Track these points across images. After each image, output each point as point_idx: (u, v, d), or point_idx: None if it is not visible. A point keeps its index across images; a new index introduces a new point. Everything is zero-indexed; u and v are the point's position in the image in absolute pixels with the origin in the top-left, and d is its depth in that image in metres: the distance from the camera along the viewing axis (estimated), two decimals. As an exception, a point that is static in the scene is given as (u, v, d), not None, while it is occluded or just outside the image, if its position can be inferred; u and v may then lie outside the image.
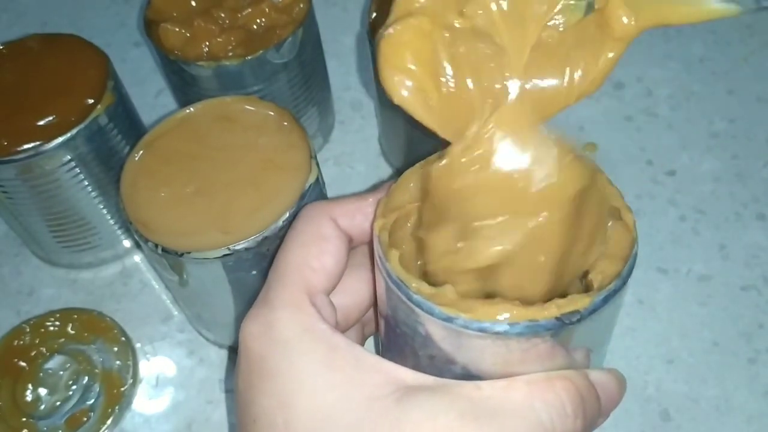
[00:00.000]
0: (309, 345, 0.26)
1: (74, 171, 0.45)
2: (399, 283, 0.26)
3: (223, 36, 0.47)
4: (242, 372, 0.28)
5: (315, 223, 0.30)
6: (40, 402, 0.45)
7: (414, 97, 0.26)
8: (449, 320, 0.25)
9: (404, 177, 0.30)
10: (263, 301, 0.28)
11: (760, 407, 0.44)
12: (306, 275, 0.28)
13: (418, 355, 0.27)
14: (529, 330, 0.24)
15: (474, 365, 0.26)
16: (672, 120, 0.57)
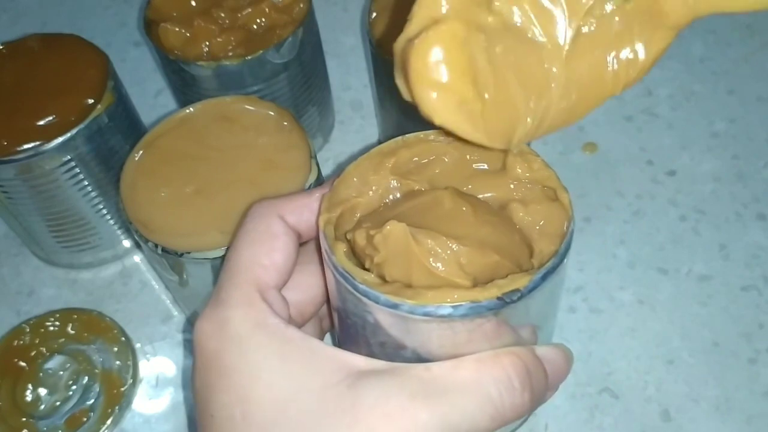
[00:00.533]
0: (262, 339, 0.27)
1: (74, 171, 0.45)
2: (345, 274, 0.27)
3: (223, 36, 0.47)
4: (198, 370, 0.28)
5: (263, 221, 0.30)
6: (40, 402, 0.45)
7: (457, 114, 0.25)
8: (395, 307, 0.25)
9: (347, 171, 0.30)
10: (215, 301, 0.29)
11: (760, 407, 0.44)
12: (256, 273, 0.29)
13: (370, 343, 0.28)
14: (472, 311, 0.25)
15: (423, 349, 0.27)
16: (672, 120, 0.57)
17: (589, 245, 0.51)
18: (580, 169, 0.55)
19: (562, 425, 0.44)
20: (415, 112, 0.26)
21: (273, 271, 0.29)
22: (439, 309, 0.25)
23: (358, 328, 0.28)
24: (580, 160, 0.55)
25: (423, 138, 0.31)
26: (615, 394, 0.45)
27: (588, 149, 0.56)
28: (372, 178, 0.30)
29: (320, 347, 0.27)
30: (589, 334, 0.47)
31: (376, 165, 0.30)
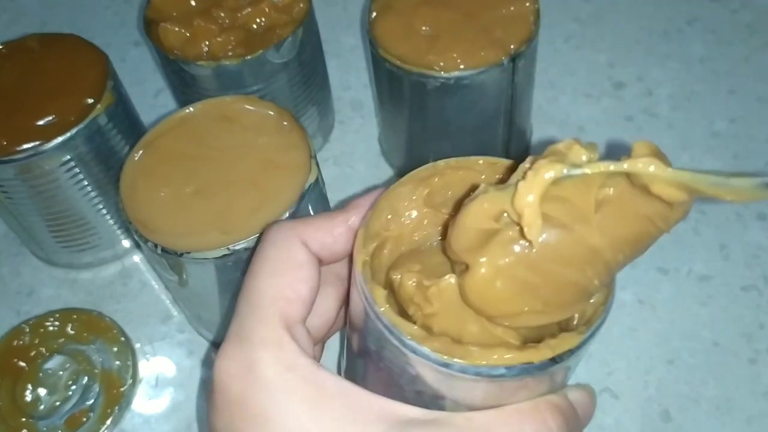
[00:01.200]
0: (294, 384, 0.25)
1: (74, 171, 0.45)
2: (391, 328, 0.25)
3: (222, 36, 0.47)
4: (220, 411, 0.27)
5: (285, 248, 0.28)
6: (40, 402, 0.45)
7: (526, 319, 0.25)
8: (445, 366, 0.24)
9: (379, 204, 0.29)
10: (238, 338, 0.27)
11: (760, 407, 0.43)
12: (282, 307, 0.27)
13: (404, 390, 0.27)
14: (524, 372, 0.24)
15: (464, 400, 0.26)
16: (672, 120, 0.57)
17: (590, 245, 0.50)
18: (581, 169, 0.55)
19: (563, 425, 0.44)
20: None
21: (298, 304, 0.27)
22: (492, 370, 0.24)
23: (393, 375, 0.27)
24: (581, 160, 0.55)
25: (455, 165, 0.29)
26: (615, 394, 0.45)
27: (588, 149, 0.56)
28: (404, 209, 0.29)
29: (355, 393, 0.26)
30: (590, 334, 0.47)
31: (409, 193, 0.29)
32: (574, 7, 0.66)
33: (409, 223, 0.29)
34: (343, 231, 0.29)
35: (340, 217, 0.29)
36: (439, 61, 0.44)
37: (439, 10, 0.46)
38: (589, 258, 0.24)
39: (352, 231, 0.29)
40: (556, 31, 0.64)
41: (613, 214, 0.23)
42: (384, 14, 0.47)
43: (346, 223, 0.29)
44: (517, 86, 0.46)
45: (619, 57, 0.62)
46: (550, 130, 0.57)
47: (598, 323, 0.26)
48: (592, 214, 0.23)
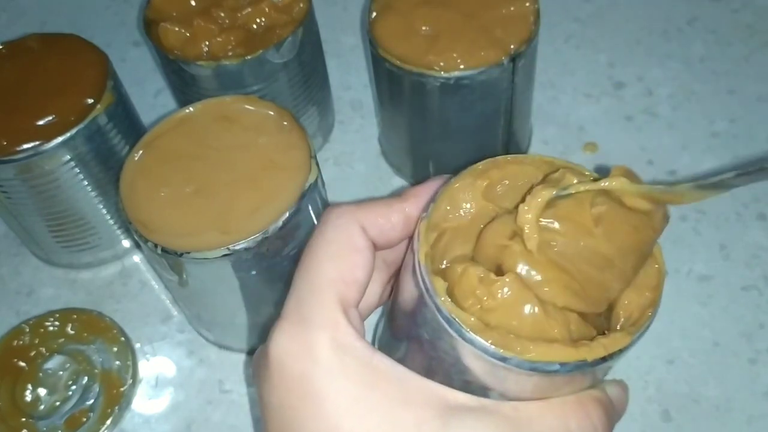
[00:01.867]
0: (352, 366, 0.26)
1: (74, 171, 0.45)
2: (451, 319, 0.26)
3: (222, 35, 0.47)
4: (276, 387, 0.27)
5: (346, 232, 0.29)
6: (40, 402, 0.45)
7: (570, 297, 0.27)
8: (503, 359, 0.25)
9: (440, 196, 0.29)
10: (297, 317, 0.28)
11: (760, 407, 0.43)
12: (341, 290, 0.28)
13: (452, 378, 0.27)
14: (578, 368, 0.25)
15: (512, 392, 0.27)
16: (673, 120, 0.57)
17: (590, 245, 0.50)
18: (581, 168, 0.55)
19: (563, 425, 0.44)
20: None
21: (355, 288, 0.28)
22: (548, 366, 0.25)
23: (445, 364, 0.27)
24: (581, 160, 0.55)
25: (512, 160, 0.30)
26: (615, 395, 0.45)
27: (588, 149, 0.56)
28: (464, 201, 0.29)
29: (408, 377, 0.27)
30: (590, 334, 0.47)
31: (468, 186, 0.29)
32: (574, 7, 0.66)
33: (466, 215, 0.29)
34: (400, 219, 0.30)
35: (397, 204, 0.30)
36: (439, 61, 0.44)
37: (439, 10, 0.46)
38: (603, 264, 0.26)
39: (409, 219, 0.30)
40: (556, 31, 0.64)
41: (611, 227, 0.26)
42: (384, 14, 0.47)
43: (404, 211, 0.30)
44: (517, 86, 0.46)
45: (619, 57, 0.62)
46: (550, 130, 0.57)
47: (646, 325, 0.27)
48: (593, 228, 0.26)
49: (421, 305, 0.27)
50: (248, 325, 0.45)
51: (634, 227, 0.26)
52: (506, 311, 0.26)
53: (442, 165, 0.52)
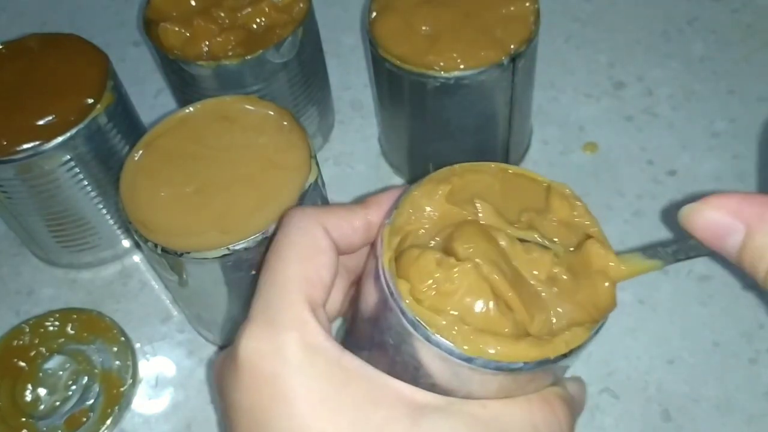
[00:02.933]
0: (321, 367, 0.26)
1: (74, 171, 0.45)
2: (417, 323, 0.26)
3: (222, 35, 0.47)
4: (247, 389, 0.27)
5: (310, 233, 0.29)
6: (40, 402, 0.45)
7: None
8: (468, 360, 0.25)
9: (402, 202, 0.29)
10: (265, 319, 0.28)
11: (760, 407, 0.43)
12: (308, 291, 0.28)
13: (418, 382, 0.28)
14: (540, 366, 0.26)
15: (477, 391, 0.27)
16: (673, 120, 0.57)
17: (590, 245, 0.50)
18: (581, 168, 0.55)
19: (563, 425, 0.44)
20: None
21: (321, 288, 0.28)
22: (512, 364, 0.25)
23: (409, 368, 0.28)
24: (581, 160, 0.55)
25: (470, 168, 0.30)
26: (615, 394, 0.45)
27: (588, 149, 0.56)
28: (426, 205, 0.30)
29: (377, 376, 0.27)
30: (590, 334, 0.47)
31: (431, 192, 0.30)
32: (574, 7, 0.66)
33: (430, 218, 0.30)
34: (362, 225, 0.30)
35: (360, 211, 0.30)
36: (439, 61, 0.44)
37: (439, 9, 0.46)
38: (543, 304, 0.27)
39: (370, 225, 0.30)
40: (556, 31, 0.64)
41: (562, 289, 0.28)
42: (384, 14, 0.47)
43: (366, 217, 0.30)
44: (517, 86, 0.46)
45: (619, 57, 0.62)
46: (550, 130, 0.57)
47: (605, 320, 0.27)
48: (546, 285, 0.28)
49: (385, 310, 0.27)
50: (248, 325, 0.45)
51: (580, 303, 0.27)
52: (462, 299, 0.26)
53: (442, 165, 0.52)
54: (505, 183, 0.30)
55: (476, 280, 0.26)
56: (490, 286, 0.26)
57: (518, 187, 0.30)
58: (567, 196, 0.30)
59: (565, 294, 0.27)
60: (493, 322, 0.26)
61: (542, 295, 0.27)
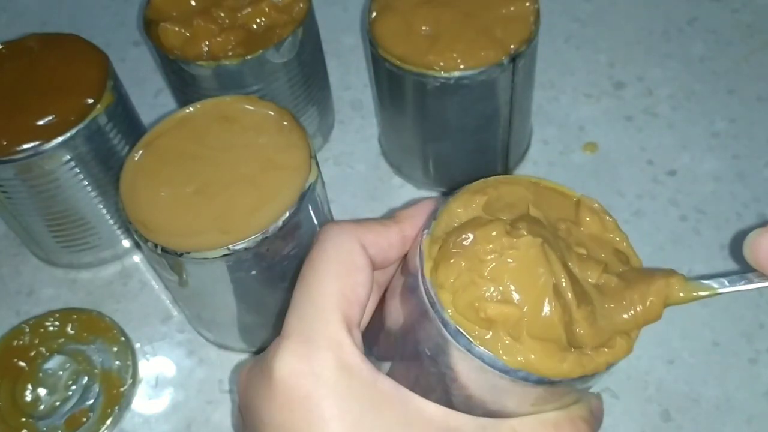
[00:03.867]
0: (356, 389, 0.26)
1: (74, 171, 0.45)
2: (458, 334, 0.25)
3: (222, 35, 0.47)
4: (280, 408, 0.27)
5: (347, 250, 0.29)
6: (40, 402, 0.45)
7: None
8: (510, 373, 0.25)
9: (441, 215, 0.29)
10: (301, 336, 0.27)
11: (760, 407, 0.43)
12: (345, 309, 0.28)
13: (452, 394, 0.27)
14: (579, 380, 0.26)
15: (511, 405, 0.27)
16: (673, 120, 0.57)
17: (590, 245, 0.50)
18: (581, 168, 0.55)
19: (563, 425, 0.44)
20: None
21: (357, 307, 0.28)
22: (553, 377, 0.25)
23: (445, 379, 0.27)
24: (581, 160, 0.55)
25: (503, 181, 0.30)
26: (615, 394, 0.44)
27: (588, 149, 0.56)
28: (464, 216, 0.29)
29: (412, 399, 0.27)
30: (590, 334, 0.47)
31: (467, 202, 0.29)
32: (574, 7, 0.66)
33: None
34: (398, 239, 0.30)
35: (394, 226, 0.30)
36: (439, 61, 0.44)
37: (439, 9, 0.46)
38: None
39: (405, 240, 0.30)
40: (556, 31, 0.64)
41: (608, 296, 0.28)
42: (384, 14, 0.47)
43: (401, 233, 0.30)
44: (517, 86, 0.46)
45: (619, 57, 0.62)
46: (550, 130, 0.57)
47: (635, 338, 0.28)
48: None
49: (423, 321, 0.27)
50: (248, 325, 0.45)
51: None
52: (517, 275, 0.26)
53: (442, 165, 0.52)
54: (537, 195, 0.30)
55: (537, 255, 0.25)
56: (547, 265, 0.26)
57: (550, 200, 0.30)
58: (597, 211, 0.30)
59: (612, 298, 0.27)
60: (541, 310, 0.26)
61: (591, 294, 0.27)
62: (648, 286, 0.28)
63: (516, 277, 0.26)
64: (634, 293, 0.28)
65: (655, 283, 0.28)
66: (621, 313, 0.27)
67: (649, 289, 0.28)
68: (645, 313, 0.28)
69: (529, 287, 0.26)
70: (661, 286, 0.28)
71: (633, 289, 0.28)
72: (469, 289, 0.26)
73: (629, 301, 0.28)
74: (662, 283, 0.28)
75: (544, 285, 0.26)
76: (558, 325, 0.26)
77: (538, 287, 0.26)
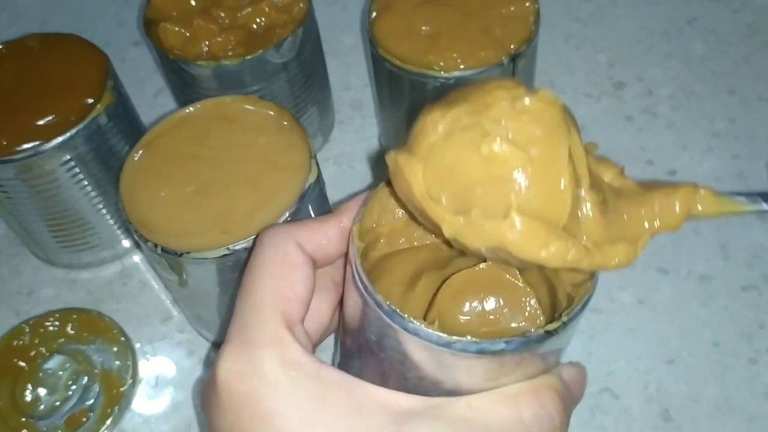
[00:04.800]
0: (299, 382, 0.26)
1: (74, 171, 0.45)
2: (393, 313, 0.26)
3: (222, 35, 0.47)
4: (227, 412, 0.27)
5: (282, 250, 0.29)
6: (40, 402, 0.45)
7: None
8: (448, 345, 0.25)
9: (369, 202, 0.29)
10: (241, 339, 0.27)
11: (760, 407, 0.43)
12: (284, 308, 0.28)
13: (406, 378, 0.27)
14: (523, 345, 0.25)
15: (464, 381, 0.27)
16: (673, 120, 0.57)
17: (590, 245, 0.50)
18: (581, 168, 0.55)
19: (563, 425, 0.44)
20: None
21: (297, 304, 0.28)
22: (493, 345, 0.25)
23: (394, 362, 0.27)
24: (581, 160, 0.55)
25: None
26: (615, 394, 0.44)
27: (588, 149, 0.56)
28: (394, 207, 0.30)
29: (358, 386, 0.26)
30: (590, 334, 0.47)
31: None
32: (574, 7, 0.66)
33: (400, 218, 0.30)
34: (336, 233, 0.30)
35: (332, 220, 0.30)
36: (439, 61, 0.44)
37: (439, 9, 0.46)
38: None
39: (345, 233, 0.30)
40: (556, 31, 0.64)
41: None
42: (384, 14, 0.47)
43: (339, 225, 0.30)
44: (517, 86, 0.46)
45: (619, 57, 0.62)
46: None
47: (587, 297, 0.27)
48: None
49: (365, 308, 0.27)
50: (248, 325, 0.45)
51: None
52: (534, 125, 0.23)
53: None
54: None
55: (557, 115, 0.23)
56: (566, 128, 0.23)
57: None
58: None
59: (629, 200, 0.25)
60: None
61: (605, 190, 0.25)
62: (674, 190, 0.26)
63: (528, 127, 0.23)
64: (657, 196, 0.26)
65: (682, 189, 0.26)
66: (636, 215, 0.26)
67: (675, 193, 0.26)
68: (665, 218, 0.26)
69: (542, 141, 0.23)
70: (689, 192, 0.26)
71: (656, 192, 0.26)
72: (469, 129, 0.24)
73: (649, 203, 0.26)
74: (690, 189, 0.26)
75: (559, 144, 0.23)
76: (563, 196, 0.23)
77: (552, 145, 0.23)
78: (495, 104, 0.24)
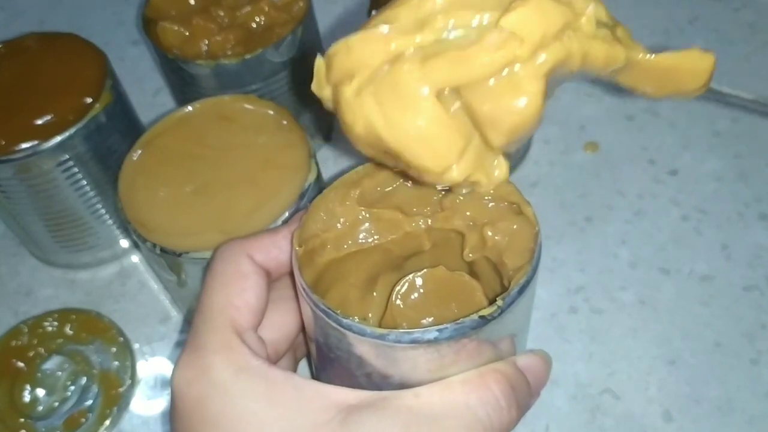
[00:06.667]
0: (247, 383, 0.27)
1: (72, 170, 0.45)
2: (327, 311, 0.27)
3: (221, 34, 0.47)
4: (181, 417, 0.28)
5: (232, 261, 0.30)
6: (38, 403, 0.45)
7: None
8: (381, 337, 0.26)
9: (314, 206, 0.30)
10: (193, 347, 0.28)
11: (762, 408, 0.43)
12: (232, 315, 0.29)
13: (355, 375, 0.28)
14: (456, 332, 0.25)
15: (410, 375, 0.27)
16: (674, 119, 0.57)
17: (591, 245, 0.50)
18: (582, 168, 0.55)
19: (563, 426, 0.43)
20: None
21: (247, 311, 0.29)
22: (425, 334, 0.25)
23: (342, 361, 0.28)
24: (582, 160, 0.55)
25: (382, 167, 0.31)
26: (616, 395, 0.44)
27: (589, 149, 0.56)
28: (339, 211, 0.31)
29: (305, 385, 0.27)
30: (591, 334, 0.47)
31: (342, 197, 0.31)
32: (575, 6, 0.65)
33: (346, 223, 0.31)
34: (287, 242, 0.31)
35: (284, 230, 0.31)
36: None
37: (439, 8, 0.46)
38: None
39: None
40: (557, 30, 0.63)
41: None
42: (384, 13, 0.47)
43: (290, 234, 0.31)
44: (517, 85, 0.46)
45: (620, 56, 0.61)
46: (551, 129, 0.57)
47: (524, 280, 0.27)
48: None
49: (309, 310, 0.28)
50: (247, 325, 0.45)
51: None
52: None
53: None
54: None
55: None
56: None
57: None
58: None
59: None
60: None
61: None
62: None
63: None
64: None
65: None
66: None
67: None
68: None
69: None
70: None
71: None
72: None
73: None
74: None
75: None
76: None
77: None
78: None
